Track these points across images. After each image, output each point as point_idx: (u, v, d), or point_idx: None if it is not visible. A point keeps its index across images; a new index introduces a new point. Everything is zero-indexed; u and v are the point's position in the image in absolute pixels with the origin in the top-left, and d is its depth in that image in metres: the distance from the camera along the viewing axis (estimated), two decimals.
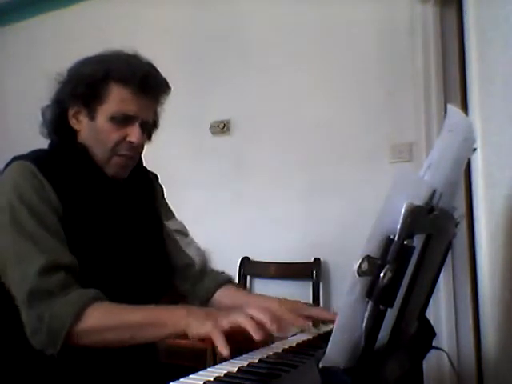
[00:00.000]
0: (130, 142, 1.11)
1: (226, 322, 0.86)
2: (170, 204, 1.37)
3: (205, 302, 1.24)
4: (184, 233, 1.34)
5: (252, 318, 0.85)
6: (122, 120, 1.09)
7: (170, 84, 1.17)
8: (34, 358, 0.98)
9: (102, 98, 1.09)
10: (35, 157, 1.08)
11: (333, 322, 1.10)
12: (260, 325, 0.85)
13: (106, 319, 0.96)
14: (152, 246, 1.21)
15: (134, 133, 1.10)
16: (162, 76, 1.14)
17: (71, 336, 0.93)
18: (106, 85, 1.08)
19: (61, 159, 1.11)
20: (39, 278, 0.95)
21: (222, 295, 1.25)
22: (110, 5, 3.51)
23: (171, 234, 1.30)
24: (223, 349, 0.82)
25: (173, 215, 1.35)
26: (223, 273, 1.32)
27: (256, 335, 0.82)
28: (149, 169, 1.30)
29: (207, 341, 0.87)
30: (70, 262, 1.00)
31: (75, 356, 0.99)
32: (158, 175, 1.35)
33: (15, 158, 1.07)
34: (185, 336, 0.90)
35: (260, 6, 3.01)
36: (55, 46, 3.75)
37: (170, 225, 1.31)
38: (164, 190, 1.36)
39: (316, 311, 1.15)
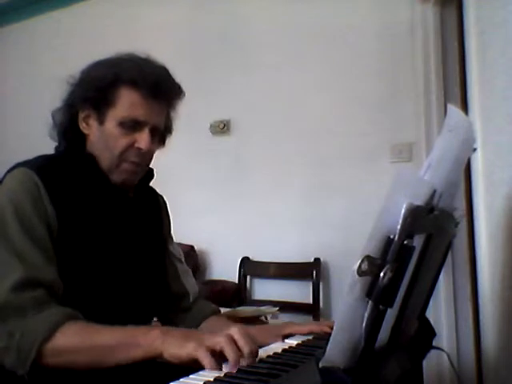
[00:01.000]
0: (139, 148, 1.08)
1: (211, 343, 0.82)
2: (169, 206, 1.36)
3: None
4: (181, 260, 1.32)
5: (233, 340, 0.82)
6: (131, 125, 1.06)
7: None
8: None
9: (111, 101, 1.06)
10: (39, 165, 1.05)
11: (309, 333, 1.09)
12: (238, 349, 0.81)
13: (78, 339, 0.92)
14: (153, 270, 1.19)
15: (142, 139, 1.07)
16: (174, 80, 1.11)
17: (42, 355, 0.89)
18: (116, 88, 1.05)
19: (66, 167, 1.08)
20: (12, 292, 0.91)
21: (207, 326, 1.24)
22: (110, 5, 3.51)
23: (172, 260, 1.28)
24: (213, 366, 0.78)
25: (172, 240, 1.33)
26: (211, 304, 1.32)
27: (233, 362, 0.78)
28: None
29: (189, 364, 0.81)
30: (51, 279, 0.96)
31: None
32: (160, 179, 1.34)
33: (18, 165, 1.04)
34: (160, 358, 0.86)
35: (260, 6, 3.01)
36: (55, 46, 3.75)
37: (172, 250, 1.29)
38: (171, 220, 1.34)
39: (293, 328, 1.10)
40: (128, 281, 1.10)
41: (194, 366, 0.80)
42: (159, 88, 1.07)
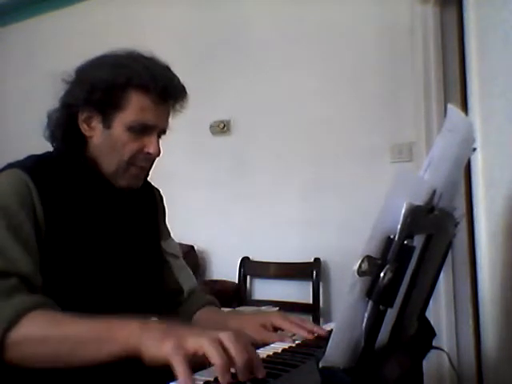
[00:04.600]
0: (149, 153, 1.06)
1: (191, 345, 0.72)
2: (169, 206, 1.35)
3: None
4: (177, 255, 1.29)
5: (221, 344, 0.72)
6: (140, 130, 1.04)
7: None
8: None
9: (120, 105, 1.03)
10: (30, 165, 1.03)
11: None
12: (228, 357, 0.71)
13: (45, 328, 0.85)
14: (148, 268, 1.17)
15: (152, 144, 1.05)
16: (180, 82, 1.09)
17: (5, 345, 0.83)
18: (126, 92, 1.02)
19: (60, 168, 1.06)
20: None
21: (200, 318, 1.21)
22: (110, 5, 3.51)
23: (165, 257, 1.26)
24: (185, 380, 0.68)
25: (169, 235, 1.30)
26: (205, 295, 1.29)
27: (219, 368, 0.69)
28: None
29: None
30: (27, 271, 0.92)
31: None
32: (160, 179, 1.32)
33: (10, 165, 1.03)
34: (139, 357, 0.77)
35: (260, 6, 3.01)
36: (55, 46, 3.75)
37: (164, 246, 1.26)
38: (166, 211, 1.31)
39: (283, 324, 1.07)
40: (121, 280, 1.09)
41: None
42: (168, 92, 1.06)
